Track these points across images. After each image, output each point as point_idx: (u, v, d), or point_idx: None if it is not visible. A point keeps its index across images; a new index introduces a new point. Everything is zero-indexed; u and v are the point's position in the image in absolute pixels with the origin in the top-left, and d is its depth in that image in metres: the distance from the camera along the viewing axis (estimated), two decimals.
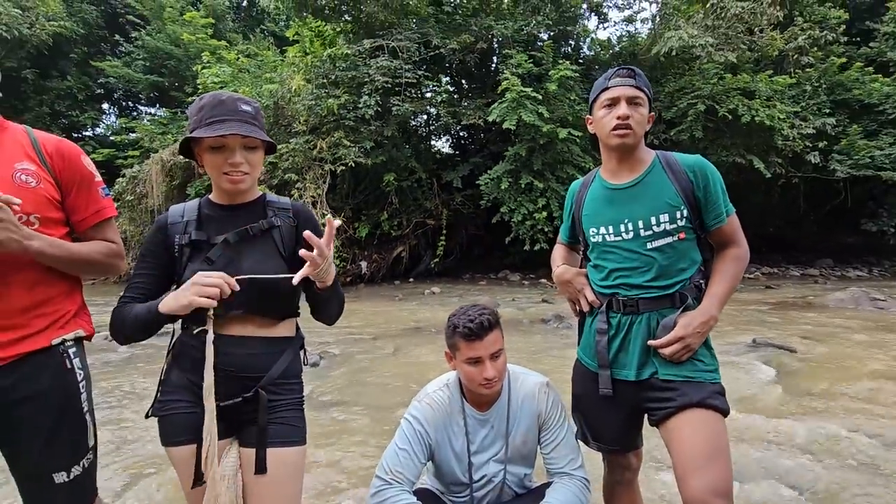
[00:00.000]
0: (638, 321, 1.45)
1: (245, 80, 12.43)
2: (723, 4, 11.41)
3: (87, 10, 17.98)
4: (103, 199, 1.39)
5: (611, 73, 1.48)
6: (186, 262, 1.29)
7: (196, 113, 1.25)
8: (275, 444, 1.27)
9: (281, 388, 1.32)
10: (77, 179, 1.33)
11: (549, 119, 10.77)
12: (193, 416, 1.25)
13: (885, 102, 12.88)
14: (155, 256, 1.33)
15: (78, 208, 1.34)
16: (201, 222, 1.33)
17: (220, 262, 1.28)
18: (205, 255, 1.29)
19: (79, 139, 18.31)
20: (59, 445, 1.26)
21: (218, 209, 1.36)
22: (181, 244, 1.30)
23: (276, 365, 1.31)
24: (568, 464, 1.57)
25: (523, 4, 13.06)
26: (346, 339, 5.87)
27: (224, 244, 1.29)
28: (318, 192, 11.04)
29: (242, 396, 1.26)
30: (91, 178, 1.36)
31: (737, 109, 11.32)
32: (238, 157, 1.25)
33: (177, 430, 1.27)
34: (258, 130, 1.27)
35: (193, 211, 1.35)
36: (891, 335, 5.61)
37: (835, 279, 12.23)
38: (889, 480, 2.45)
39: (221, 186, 1.30)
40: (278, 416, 1.30)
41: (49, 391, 1.26)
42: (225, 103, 1.24)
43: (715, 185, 1.45)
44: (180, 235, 1.31)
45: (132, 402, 3.75)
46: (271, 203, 1.39)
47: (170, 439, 1.28)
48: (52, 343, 1.27)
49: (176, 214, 1.35)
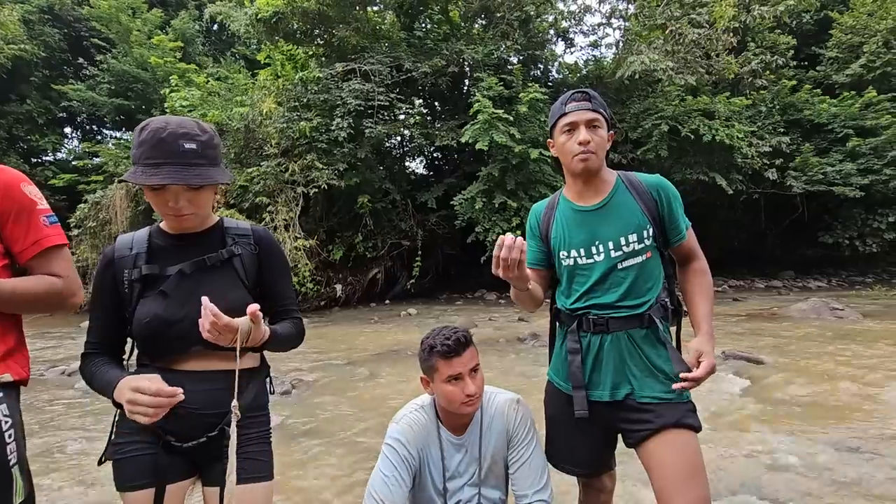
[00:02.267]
0: (608, 340, 1.45)
1: (215, 103, 12.30)
2: (681, 31, 12.01)
3: (49, 33, 17.56)
4: (47, 227, 1.27)
5: (566, 98, 1.48)
6: (137, 297, 1.21)
7: (137, 146, 1.16)
8: (242, 480, 1.20)
9: (247, 421, 1.26)
10: (14, 209, 1.22)
11: (520, 140, 11.00)
12: (153, 458, 1.17)
13: (833, 122, 13.71)
14: (105, 295, 1.24)
15: (17, 239, 1.23)
16: (152, 254, 1.25)
17: (177, 295, 1.21)
18: (158, 288, 1.21)
19: (38, 164, 17.67)
20: None
21: (170, 238, 1.28)
22: (131, 279, 1.22)
23: (243, 397, 1.25)
24: (531, 486, 1.53)
25: (493, 30, 13.44)
26: (320, 366, 5.73)
27: (179, 276, 1.22)
28: (290, 215, 10.90)
29: (207, 436, 1.19)
30: (32, 207, 1.25)
31: (698, 129, 11.86)
32: (179, 203, 1.17)
33: (136, 473, 1.19)
34: (203, 170, 1.16)
35: (143, 242, 1.26)
36: (852, 344, 5.83)
37: (797, 290, 12.71)
38: (860, 489, 2.50)
39: (168, 223, 1.26)
40: (245, 450, 1.23)
41: None
42: (165, 142, 1.13)
43: (676, 203, 1.50)
44: (129, 270, 1.22)
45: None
46: (230, 230, 1.32)
47: (127, 483, 1.19)
48: None
49: (123, 247, 1.26)
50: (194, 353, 1.21)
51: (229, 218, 1.40)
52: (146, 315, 1.19)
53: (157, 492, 1.16)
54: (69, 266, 1.30)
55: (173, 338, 1.20)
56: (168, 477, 1.18)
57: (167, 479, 1.17)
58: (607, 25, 15.10)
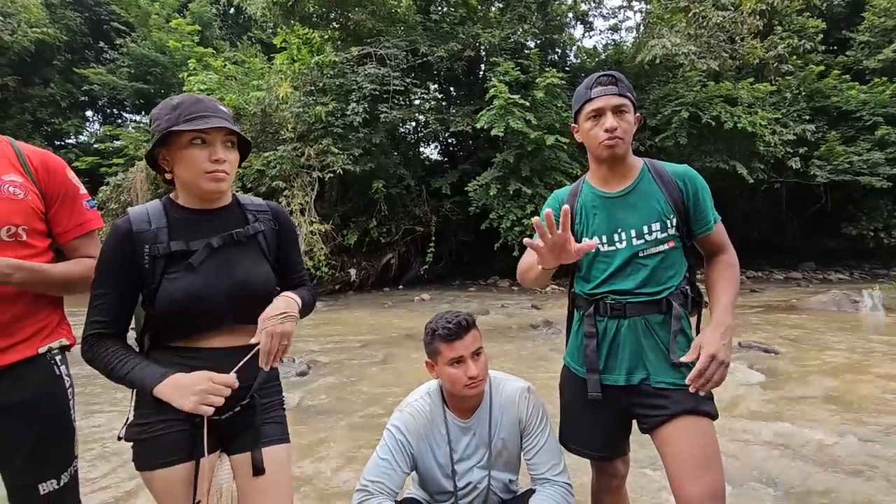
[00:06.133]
0: (625, 325, 1.45)
1: (232, 87, 12.37)
2: (704, 14, 11.67)
3: (71, 17, 17.79)
4: (88, 211, 1.39)
5: (591, 82, 1.44)
6: (161, 274, 1.17)
7: (170, 111, 1.17)
8: (266, 443, 1.27)
9: (267, 390, 1.33)
10: (61, 192, 1.33)
11: (536, 126, 10.87)
12: (184, 434, 1.18)
13: (861, 109, 13.23)
14: (119, 271, 1.18)
15: (61, 220, 1.34)
16: (172, 228, 1.21)
17: (206, 270, 1.19)
18: (183, 263, 1.18)
19: (61, 147, 18.05)
20: (48, 453, 1.27)
21: (189, 213, 1.24)
22: (153, 255, 1.17)
23: (262, 371, 1.29)
24: (550, 469, 1.57)
25: (510, 13, 13.21)
26: (334, 348, 5.82)
27: (208, 249, 1.21)
28: (305, 199, 10.99)
29: (240, 405, 1.24)
30: (76, 191, 1.36)
31: (720, 116, 11.55)
32: (221, 153, 1.19)
33: (168, 450, 1.17)
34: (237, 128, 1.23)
35: (161, 215, 1.21)
36: (871, 336, 5.72)
37: (817, 282, 12.45)
38: (874, 481, 2.49)
39: (202, 187, 1.20)
40: (267, 416, 1.31)
41: (37, 399, 1.25)
42: (203, 101, 1.19)
43: (704, 194, 1.47)
44: (151, 245, 1.17)
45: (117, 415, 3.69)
46: (247, 206, 1.33)
47: (159, 460, 1.18)
48: (39, 351, 1.27)
49: (141, 220, 1.19)
50: (223, 329, 1.23)
51: (241, 194, 1.41)
52: (177, 291, 1.17)
53: (196, 465, 1.18)
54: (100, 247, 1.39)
55: (203, 313, 1.19)
56: (202, 451, 1.21)
57: (201, 453, 1.20)
58: (628, 8, 14.76)
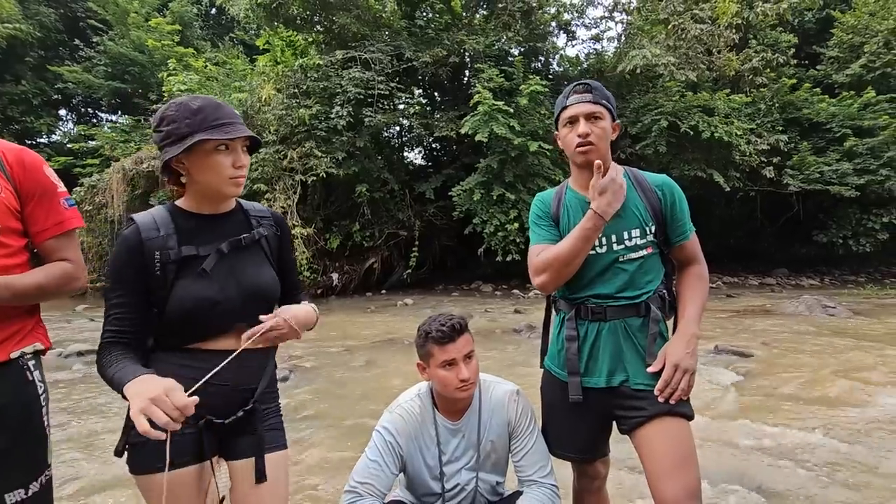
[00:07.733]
0: (606, 328, 1.49)
1: (213, 88, 12.21)
2: (683, 26, 11.97)
3: (45, 13, 17.31)
4: (66, 209, 1.33)
5: (568, 91, 1.50)
6: (173, 279, 1.18)
7: (190, 115, 1.16)
8: (269, 449, 1.28)
9: (268, 396, 1.33)
10: (38, 190, 1.28)
11: (520, 132, 10.98)
12: (191, 437, 1.18)
13: (831, 121, 13.73)
14: (133, 280, 1.18)
15: (37, 219, 1.28)
16: (181, 234, 1.22)
17: (217, 275, 1.22)
18: (196, 268, 1.20)
19: (33, 146, 17.48)
20: (16, 462, 1.21)
21: (195, 219, 1.26)
22: (164, 261, 1.18)
23: (265, 375, 1.30)
24: (537, 471, 1.58)
25: (494, 21, 13.35)
26: (317, 352, 5.77)
27: (218, 255, 1.23)
28: (288, 202, 10.88)
29: (242, 410, 1.24)
30: (54, 189, 1.31)
31: (698, 125, 11.86)
32: (244, 159, 1.23)
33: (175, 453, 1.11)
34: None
35: (168, 222, 1.22)
36: (842, 340, 5.91)
37: (790, 287, 12.82)
38: (847, 481, 2.57)
39: (224, 192, 1.23)
40: (268, 422, 1.31)
41: (7, 406, 1.21)
42: (223, 107, 1.21)
43: (681, 204, 1.53)
44: (162, 251, 1.18)
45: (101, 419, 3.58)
46: (250, 212, 1.36)
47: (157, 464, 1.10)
48: (12, 357, 1.23)
49: (149, 227, 1.20)
50: (232, 332, 1.24)
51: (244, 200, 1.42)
52: (190, 296, 1.18)
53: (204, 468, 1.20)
54: (78, 249, 1.37)
55: (216, 317, 1.21)
56: (207, 454, 1.22)
57: (207, 456, 1.21)
58: (610, 19, 15.03)
